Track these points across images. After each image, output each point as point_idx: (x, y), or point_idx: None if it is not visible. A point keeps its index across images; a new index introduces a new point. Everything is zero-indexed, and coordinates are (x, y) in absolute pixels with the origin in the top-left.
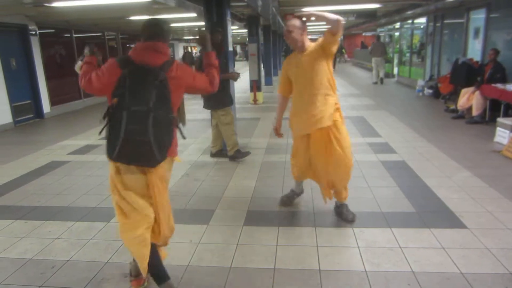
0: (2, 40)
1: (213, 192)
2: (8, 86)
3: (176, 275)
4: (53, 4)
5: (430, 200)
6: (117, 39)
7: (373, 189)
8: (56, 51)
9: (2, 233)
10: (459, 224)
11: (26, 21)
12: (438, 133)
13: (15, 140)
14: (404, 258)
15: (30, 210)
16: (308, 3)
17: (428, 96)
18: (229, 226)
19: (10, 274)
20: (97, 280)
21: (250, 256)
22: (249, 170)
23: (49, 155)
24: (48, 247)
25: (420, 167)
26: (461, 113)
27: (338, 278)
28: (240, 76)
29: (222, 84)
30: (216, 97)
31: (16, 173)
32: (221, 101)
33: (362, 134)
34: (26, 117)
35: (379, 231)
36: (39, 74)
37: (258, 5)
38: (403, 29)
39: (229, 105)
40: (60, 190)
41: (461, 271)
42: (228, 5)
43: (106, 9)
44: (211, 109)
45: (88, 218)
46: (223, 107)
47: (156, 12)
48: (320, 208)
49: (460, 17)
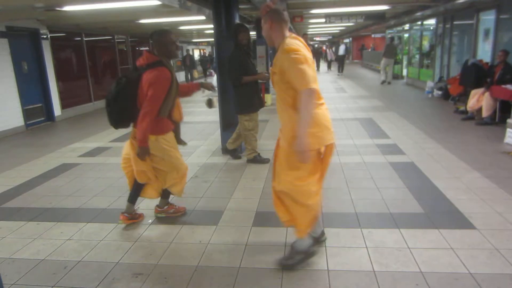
0: (14, 44)
1: (222, 193)
2: (20, 89)
3: (185, 275)
4: (64, 8)
5: (439, 201)
6: (126, 42)
7: (382, 190)
8: (66, 54)
9: (15, 234)
10: (468, 225)
11: (37, 25)
12: (448, 135)
13: (26, 142)
14: (412, 258)
15: (42, 212)
16: (317, 5)
17: (438, 97)
18: (238, 227)
19: (23, 275)
20: (108, 281)
21: (259, 257)
22: (258, 172)
23: (60, 157)
24: (60, 248)
25: (429, 168)
26: (470, 114)
27: (347, 278)
28: (269, 76)
29: (249, 87)
30: (241, 101)
31: (27, 175)
32: (245, 106)
33: (371, 135)
34: (37, 120)
35: (388, 232)
36: (50, 78)
37: None
38: (412, 30)
39: (254, 111)
40: (71, 192)
41: (470, 272)
42: (236, 8)
43: (116, 13)
44: (236, 113)
45: (99, 219)
46: (247, 113)
47: (165, 15)
48: (328, 208)
49: (470, 18)
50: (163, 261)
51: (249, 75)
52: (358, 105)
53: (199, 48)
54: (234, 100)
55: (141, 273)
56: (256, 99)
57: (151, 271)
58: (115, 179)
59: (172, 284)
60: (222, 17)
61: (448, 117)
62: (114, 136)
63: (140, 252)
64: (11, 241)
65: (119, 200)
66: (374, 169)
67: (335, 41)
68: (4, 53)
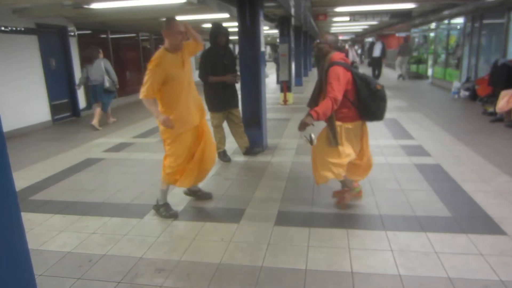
0: (43, 41)
1: (243, 191)
2: (48, 85)
3: (207, 272)
4: (91, 6)
5: (467, 205)
6: (150, 40)
7: (406, 192)
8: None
9: (42, 226)
10: (498, 231)
11: (65, 23)
12: (475, 136)
13: (53, 137)
14: (439, 263)
15: (68, 205)
16: (341, 3)
17: (464, 98)
18: (260, 225)
19: (50, 266)
20: (131, 275)
21: (281, 256)
22: (279, 170)
23: (85, 152)
24: (85, 241)
25: (456, 170)
26: (500, 116)
27: (372, 281)
28: (238, 79)
29: (214, 87)
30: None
31: (54, 169)
32: (209, 104)
33: (394, 136)
34: (63, 115)
35: (413, 235)
36: (76, 74)
37: (290, 5)
38: (439, 29)
39: (216, 111)
40: (95, 186)
41: (500, 279)
42: (261, 6)
43: (141, 10)
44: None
45: (122, 214)
46: (210, 111)
47: (189, 13)
48: (351, 210)
49: (500, 17)
50: (186, 258)
51: (217, 75)
52: None
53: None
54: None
55: (163, 269)
56: (217, 100)
57: (174, 267)
58: (138, 174)
59: (194, 281)
60: (247, 15)
61: (476, 118)
62: (138, 132)
63: (163, 247)
64: (38, 232)
65: (142, 196)
66: (398, 171)
67: (358, 40)
68: (34, 50)
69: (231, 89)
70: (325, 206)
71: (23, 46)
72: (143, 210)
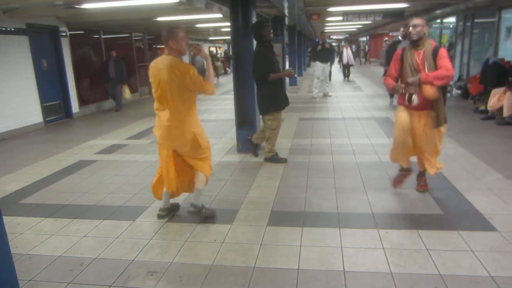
0: (34, 42)
1: (237, 192)
2: (39, 86)
3: (200, 274)
4: (83, 6)
5: (458, 202)
6: (143, 40)
7: (398, 191)
8: (85, 52)
9: (33, 230)
10: (488, 227)
11: (57, 23)
12: (467, 135)
13: (45, 139)
14: (431, 260)
15: (59, 208)
16: (334, 3)
17: (457, 96)
18: (253, 226)
19: (40, 271)
20: (123, 278)
21: (273, 256)
22: (273, 171)
23: (77, 154)
24: (77, 245)
25: (449, 169)
26: (491, 114)
27: (363, 279)
28: (295, 73)
29: (274, 85)
30: (267, 100)
31: (45, 171)
32: (271, 105)
33: (388, 134)
34: (55, 117)
35: (405, 233)
36: (69, 75)
37: (284, 5)
38: (431, 28)
39: (280, 110)
40: (87, 189)
41: (491, 275)
42: (253, 6)
43: (134, 10)
44: (260, 113)
45: (114, 216)
46: (271, 112)
47: (182, 13)
48: (343, 208)
49: (491, 16)
50: (178, 260)
51: (275, 72)
52: (375, 104)
53: (215, 46)
54: (258, 99)
55: (156, 271)
56: (282, 97)
57: (166, 269)
58: (131, 176)
59: (186, 282)
60: (239, 14)
61: (468, 116)
62: (131, 134)
63: (155, 250)
64: (29, 237)
65: (135, 198)
66: (391, 169)
67: (352, 40)
68: (25, 51)
69: (284, 86)
70: (317, 205)
71: (14, 46)
72: (136, 212)
